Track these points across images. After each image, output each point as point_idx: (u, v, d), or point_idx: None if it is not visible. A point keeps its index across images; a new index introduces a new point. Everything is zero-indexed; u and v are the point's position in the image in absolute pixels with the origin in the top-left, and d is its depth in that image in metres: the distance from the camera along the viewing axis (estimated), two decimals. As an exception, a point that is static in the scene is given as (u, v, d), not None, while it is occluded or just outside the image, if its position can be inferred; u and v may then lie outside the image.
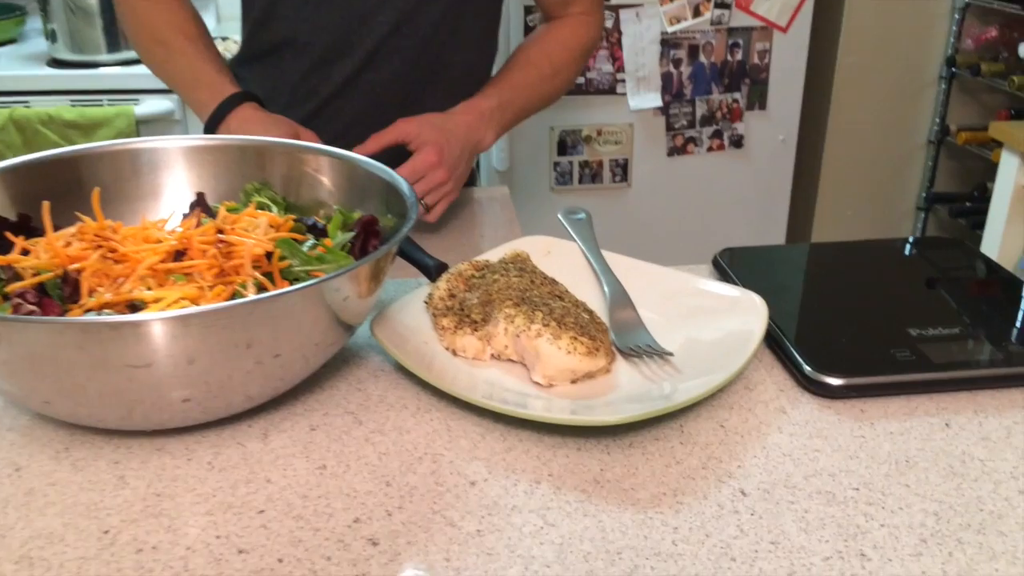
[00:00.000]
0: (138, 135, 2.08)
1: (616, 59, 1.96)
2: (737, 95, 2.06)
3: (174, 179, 0.66)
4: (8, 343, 0.48)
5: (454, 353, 0.63)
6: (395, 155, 0.90)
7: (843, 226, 2.41)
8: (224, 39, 2.31)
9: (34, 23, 2.27)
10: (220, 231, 0.61)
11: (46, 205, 0.62)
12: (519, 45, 1.18)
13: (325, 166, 0.66)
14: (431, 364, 0.61)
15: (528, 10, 1.94)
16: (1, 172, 0.62)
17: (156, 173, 0.66)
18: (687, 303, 0.67)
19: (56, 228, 0.61)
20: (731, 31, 2.01)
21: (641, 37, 1.96)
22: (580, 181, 2.03)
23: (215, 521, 0.49)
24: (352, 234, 0.63)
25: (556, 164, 2.02)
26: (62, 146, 2.27)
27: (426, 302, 0.66)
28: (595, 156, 2.02)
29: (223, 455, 0.54)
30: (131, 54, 2.17)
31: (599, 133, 2.00)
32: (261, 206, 0.67)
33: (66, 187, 0.63)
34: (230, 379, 0.51)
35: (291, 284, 0.59)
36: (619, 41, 1.96)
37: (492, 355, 0.62)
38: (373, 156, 0.68)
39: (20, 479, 0.52)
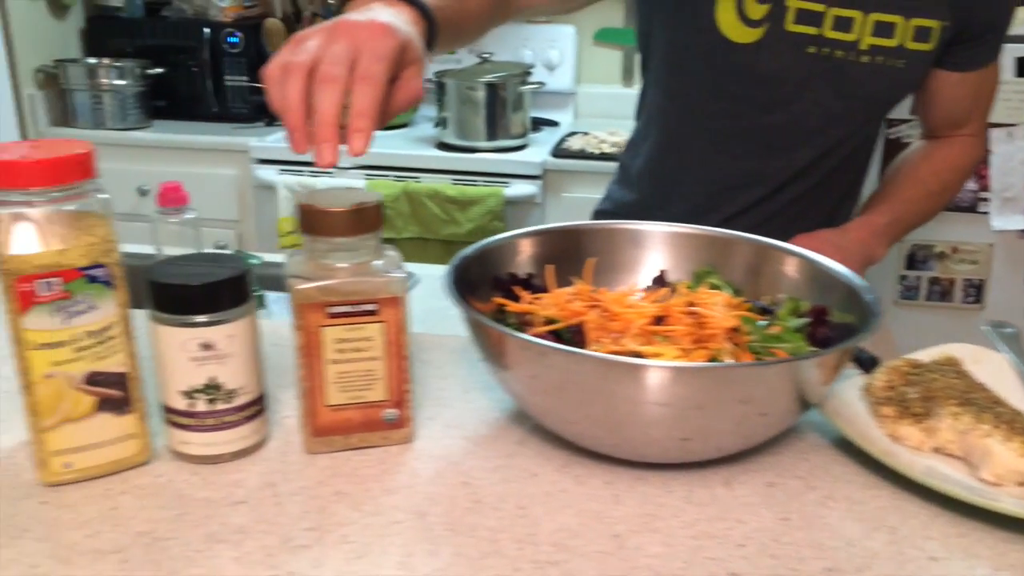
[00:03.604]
0: (503, 214, 2.34)
1: (981, 177, 1.91)
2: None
3: (647, 256, 0.79)
4: (549, 368, 0.61)
5: (893, 440, 0.68)
6: None
7: None
8: (585, 134, 2.55)
9: (425, 110, 2.65)
10: (691, 304, 0.72)
11: (550, 268, 0.77)
12: (901, 159, 1.22)
13: (792, 264, 0.75)
14: (874, 445, 0.67)
15: (889, 123, 1.96)
16: (530, 235, 0.78)
17: (635, 250, 0.79)
18: None
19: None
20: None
21: (1012, 157, 1.90)
22: (928, 298, 1.98)
23: (702, 545, 0.58)
24: (805, 320, 0.71)
25: (903, 277, 1.99)
26: (443, 218, 2.57)
27: (863, 391, 0.72)
28: (947, 274, 1.96)
29: (696, 494, 0.63)
30: (505, 143, 2.46)
31: (954, 251, 1.95)
32: (714, 286, 0.78)
33: (565, 253, 0.78)
34: (719, 428, 0.61)
35: (753, 357, 0.68)
36: (986, 159, 1.91)
37: (933, 448, 0.67)
38: None
39: (537, 483, 0.65)
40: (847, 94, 1.08)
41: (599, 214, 1.36)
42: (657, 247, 0.79)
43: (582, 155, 2.41)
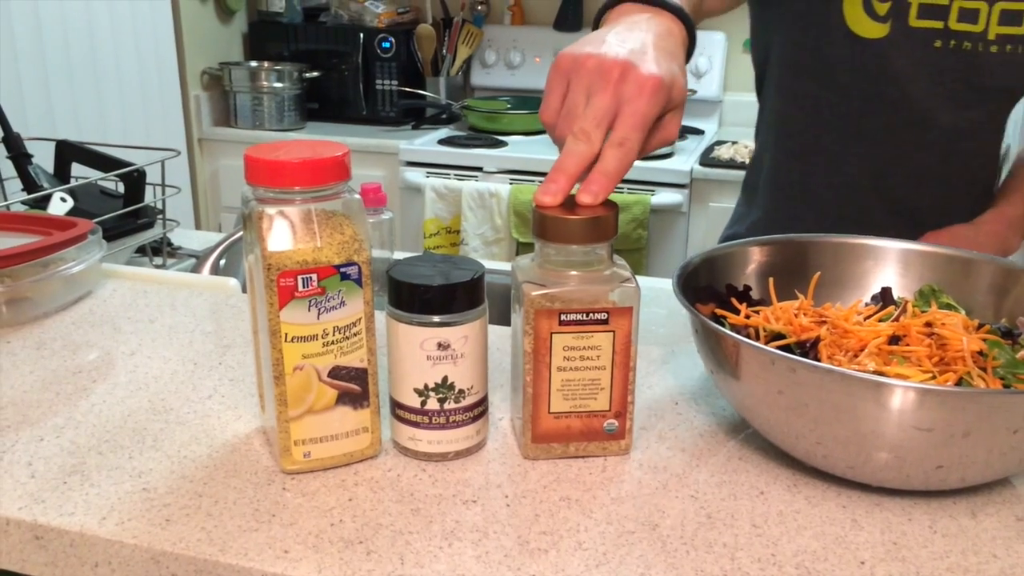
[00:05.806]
0: (648, 223, 2.32)
1: None
2: None
3: (872, 272, 0.76)
4: (799, 384, 0.59)
5: None
6: None
7: None
8: (733, 143, 2.50)
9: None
10: (929, 323, 0.69)
11: (771, 280, 0.75)
12: None
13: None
14: None
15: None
16: (758, 244, 0.77)
17: (862, 265, 0.76)
18: None
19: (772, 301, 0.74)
20: None
21: None
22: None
23: (959, 580, 0.55)
24: (1058, 347, 0.67)
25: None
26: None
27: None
28: None
29: (940, 524, 0.61)
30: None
31: None
32: (946, 306, 0.74)
33: (787, 266, 0.76)
34: (978, 457, 0.58)
35: (1000, 383, 0.65)
36: None
37: None
38: None
39: (766, 501, 0.63)
40: (978, 86, 1.05)
41: (729, 239, 1.33)
42: (887, 263, 0.76)
43: (731, 164, 2.37)
